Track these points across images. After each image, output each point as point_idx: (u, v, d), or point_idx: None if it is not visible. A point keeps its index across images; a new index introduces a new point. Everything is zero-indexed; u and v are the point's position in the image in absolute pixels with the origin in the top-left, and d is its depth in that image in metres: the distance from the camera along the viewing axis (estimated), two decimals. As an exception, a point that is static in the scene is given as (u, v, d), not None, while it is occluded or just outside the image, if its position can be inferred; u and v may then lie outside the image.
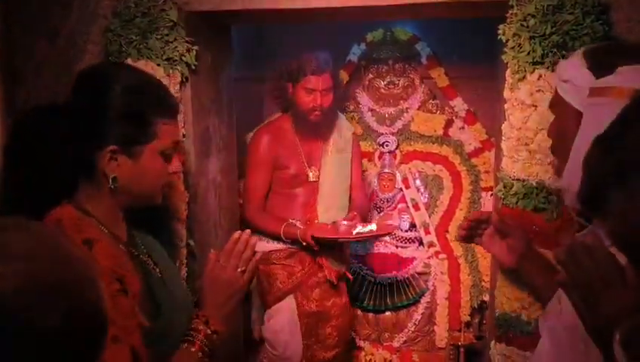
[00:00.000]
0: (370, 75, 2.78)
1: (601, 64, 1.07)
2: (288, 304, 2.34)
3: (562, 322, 1.06)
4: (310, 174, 2.40)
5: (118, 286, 1.06)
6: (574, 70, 1.11)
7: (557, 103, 1.16)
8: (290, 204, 2.40)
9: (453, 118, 2.69)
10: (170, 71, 1.64)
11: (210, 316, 1.25)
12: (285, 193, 2.41)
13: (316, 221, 2.34)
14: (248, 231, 1.30)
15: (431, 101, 2.73)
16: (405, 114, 2.74)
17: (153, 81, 1.28)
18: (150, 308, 1.19)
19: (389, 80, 2.76)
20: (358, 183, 2.55)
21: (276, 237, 2.32)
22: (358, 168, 2.56)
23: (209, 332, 1.23)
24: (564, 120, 1.14)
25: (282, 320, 2.34)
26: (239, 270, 1.27)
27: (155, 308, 1.21)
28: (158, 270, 1.30)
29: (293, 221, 2.32)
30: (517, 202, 1.49)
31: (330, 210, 2.40)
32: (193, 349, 1.20)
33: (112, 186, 1.17)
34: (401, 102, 2.74)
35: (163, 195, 1.31)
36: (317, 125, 2.36)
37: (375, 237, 2.48)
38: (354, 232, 2.19)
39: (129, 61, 1.63)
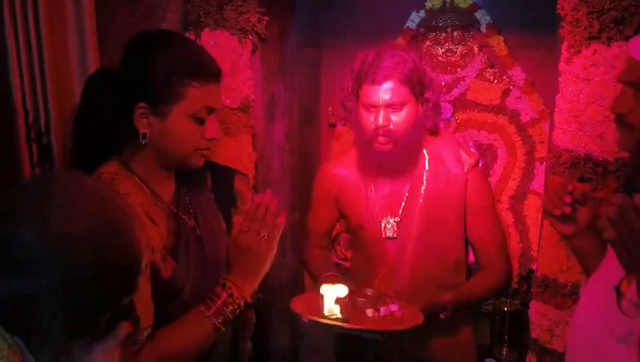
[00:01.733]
0: (428, 43, 2.77)
1: None
2: None
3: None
4: (385, 228, 1.74)
5: None
6: None
7: None
8: (366, 267, 1.75)
9: (511, 87, 2.68)
10: (243, 40, 1.76)
11: (233, 281, 1.21)
12: (362, 251, 1.79)
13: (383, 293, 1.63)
14: (269, 191, 1.24)
15: (489, 70, 2.71)
16: (462, 82, 2.74)
17: (192, 45, 1.28)
18: (174, 264, 1.21)
19: (447, 48, 2.75)
20: (482, 237, 1.74)
21: None
22: (483, 215, 1.74)
23: (227, 296, 1.19)
24: None
25: None
26: (262, 235, 1.22)
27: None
28: (199, 231, 1.30)
29: (370, 282, 1.66)
30: (564, 171, 1.53)
31: (418, 282, 1.69)
32: (207, 312, 1.18)
33: (142, 142, 1.20)
34: (459, 70, 2.73)
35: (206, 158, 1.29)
36: (390, 157, 1.64)
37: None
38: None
39: (206, 31, 1.75)
